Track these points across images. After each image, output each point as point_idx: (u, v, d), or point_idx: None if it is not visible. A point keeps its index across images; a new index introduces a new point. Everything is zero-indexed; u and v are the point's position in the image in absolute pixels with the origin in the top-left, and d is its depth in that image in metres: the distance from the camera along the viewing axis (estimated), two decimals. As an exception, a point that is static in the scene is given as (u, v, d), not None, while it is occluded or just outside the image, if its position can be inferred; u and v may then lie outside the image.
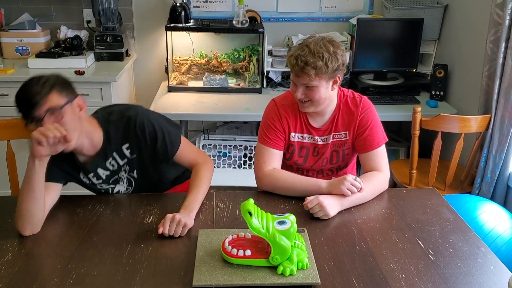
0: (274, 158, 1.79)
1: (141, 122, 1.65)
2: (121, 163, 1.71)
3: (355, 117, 1.78)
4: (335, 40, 1.69)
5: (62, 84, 1.52)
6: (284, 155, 1.85)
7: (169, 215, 1.48)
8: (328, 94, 1.71)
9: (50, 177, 1.56)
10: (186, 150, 1.74)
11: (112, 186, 1.75)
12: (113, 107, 1.74)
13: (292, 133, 1.81)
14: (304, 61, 1.61)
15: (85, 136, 1.59)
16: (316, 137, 1.81)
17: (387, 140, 1.82)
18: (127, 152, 1.69)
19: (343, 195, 1.61)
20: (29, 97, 1.44)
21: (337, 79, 1.70)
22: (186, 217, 1.49)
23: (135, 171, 1.74)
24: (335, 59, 1.63)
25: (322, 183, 1.65)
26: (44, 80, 1.48)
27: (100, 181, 1.71)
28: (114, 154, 1.68)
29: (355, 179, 1.61)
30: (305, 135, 1.82)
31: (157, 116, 1.73)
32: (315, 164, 1.86)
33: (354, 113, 1.78)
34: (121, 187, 1.77)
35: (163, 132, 1.68)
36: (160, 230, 1.45)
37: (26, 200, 1.46)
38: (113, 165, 1.70)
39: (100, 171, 1.69)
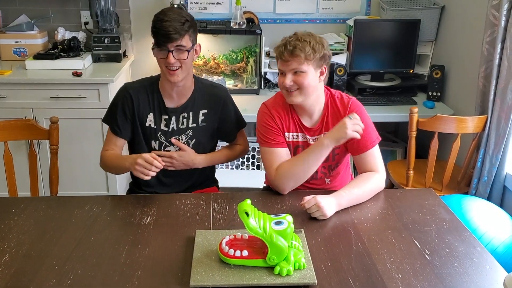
0: (281, 157, 1.77)
1: (226, 95, 1.93)
2: (190, 125, 1.88)
3: (343, 117, 1.79)
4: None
5: (194, 29, 1.77)
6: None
7: (179, 156, 1.83)
8: (316, 84, 1.73)
9: (122, 134, 1.86)
10: (243, 134, 2.04)
11: (167, 144, 1.89)
12: None
13: (287, 133, 1.82)
14: (293, 45, 1.67)
15: (186, 79, 1.80)
16: (308, 137, 1.82)
17: (380, 139, 1.82)
18: (201, 118, 1.89)
19: (340, 195, 1.62)
20: (169, 32, 1.67)
21: (324, 69, 1.75)
22: (191, 157, 1.84)
23: (194, 141, 1.90)
24: (321, 46, 1.70)
25: (323, 139, 1.68)
26: (183, 21, 1.70)
27: (166, 129, 1.87)
28: (191, 113, 1.88)
29: (351, 117, 1.64)
30: (299, 134, 1.82)
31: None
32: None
33: (342, 113, 1.79)
34: (173, 149, 1.90)
35: (236, 111, 1.98)
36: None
37: (113, 168, 1.85)
38: (183, 123, 1.88)
39: (173, 119, 1.87)
